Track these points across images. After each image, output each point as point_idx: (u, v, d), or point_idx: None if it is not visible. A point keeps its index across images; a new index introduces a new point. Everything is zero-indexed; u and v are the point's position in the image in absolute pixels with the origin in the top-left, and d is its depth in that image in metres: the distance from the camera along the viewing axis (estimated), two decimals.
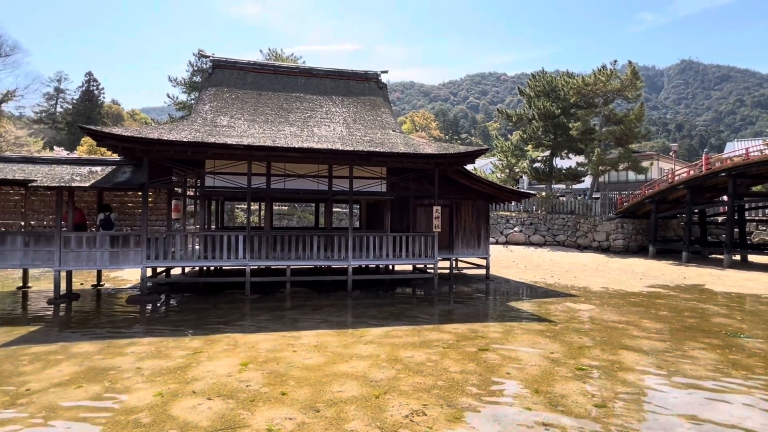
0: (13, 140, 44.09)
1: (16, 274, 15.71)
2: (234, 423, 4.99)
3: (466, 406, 5.53)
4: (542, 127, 34.51)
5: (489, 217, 17.26)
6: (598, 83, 31.79)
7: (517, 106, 72.97)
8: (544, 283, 16.01)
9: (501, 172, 38.33)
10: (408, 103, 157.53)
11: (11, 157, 13.58)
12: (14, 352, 7.50)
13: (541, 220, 32.07)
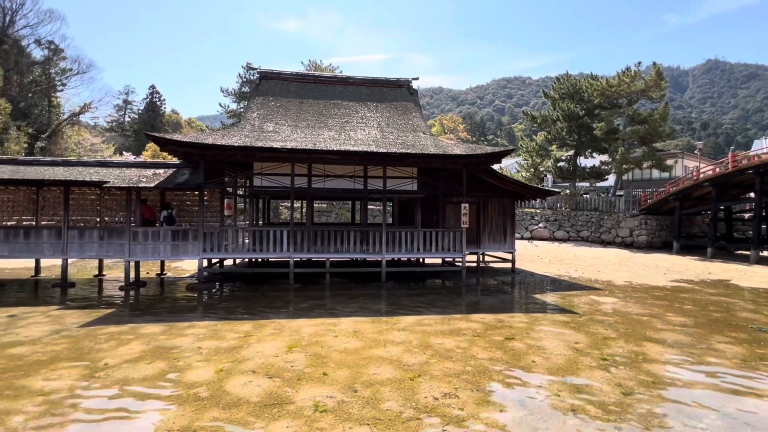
0: (89, 146, 46.69)
1: (93, 264, 16.66)
2: (280, 399, 5.13)
3: (494, 391, 5.46)
4: (566, 128, 33.39)
5: (515, 213, 16.89)
6: (622, 84, 30.43)
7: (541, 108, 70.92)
8: (568, 276, 15.55)
9: (526, 171, 37.38)
10: (437, 107, 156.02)
11: (88, 162, 14.39)
12: (92, 331, 7.96)
13: (565, 216, 31.10)
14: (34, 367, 6.08)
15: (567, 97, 33.83)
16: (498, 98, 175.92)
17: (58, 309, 9.72)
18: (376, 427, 4.48)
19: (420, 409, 4.92)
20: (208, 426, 4.48)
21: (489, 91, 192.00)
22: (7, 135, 34.96)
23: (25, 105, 42.65)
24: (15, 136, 36.15)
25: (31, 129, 40.42)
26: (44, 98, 46.32)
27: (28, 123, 40.81)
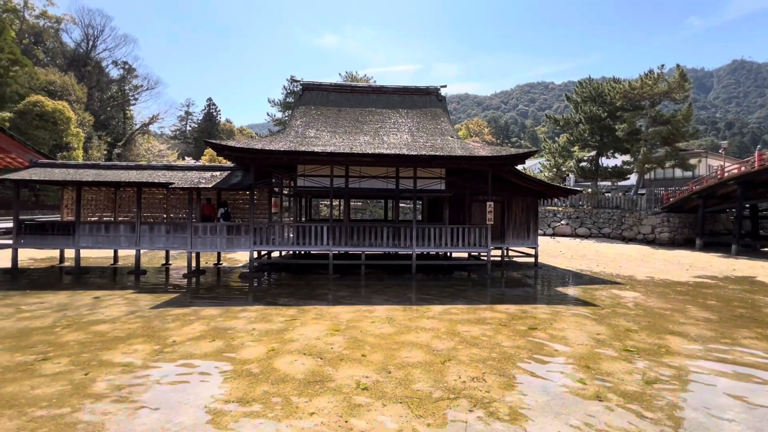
0: (157, 152, 49.10)
1: (161, 254, 17.56)
2: (322, 377, 5.24)
3: (518, 377, 5.35)
4: (588, 130, 31.98)
5: (537, 211, 16.38)
6: (645, 87, 28.79)
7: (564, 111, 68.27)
8: (589, 271, 14.95)
9: (549, 171, 36.14)
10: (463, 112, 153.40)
11: (157, 166, 15.16)
12: (161, 313, 8.40)
13: (586, 214, 29.87)
14: (114, 342, 6.50)
15: (589, 100, 32.40)
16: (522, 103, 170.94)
17: (132, 293, 10.32)
18: (408, 406, 4.49)
19: (449, 390, 4.89)
20: (260, 398, 4.64)
21: (513, 96, 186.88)
22: (91, 143, 37.37)
23: (105, 117, 45.39)
24: (97, 144, 38.58)
25: (109, 138, 43.01)
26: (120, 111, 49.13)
27: (107, 133, 43.43)
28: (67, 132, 30.67)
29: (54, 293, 10.12)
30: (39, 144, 26.07)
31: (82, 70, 44.67)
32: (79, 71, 43.84)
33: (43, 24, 44.92)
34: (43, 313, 8.23)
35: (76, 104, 36.61)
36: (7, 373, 5.28)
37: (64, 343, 6.45)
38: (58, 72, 38.92)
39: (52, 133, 29.44)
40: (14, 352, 6.00)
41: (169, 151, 52.17)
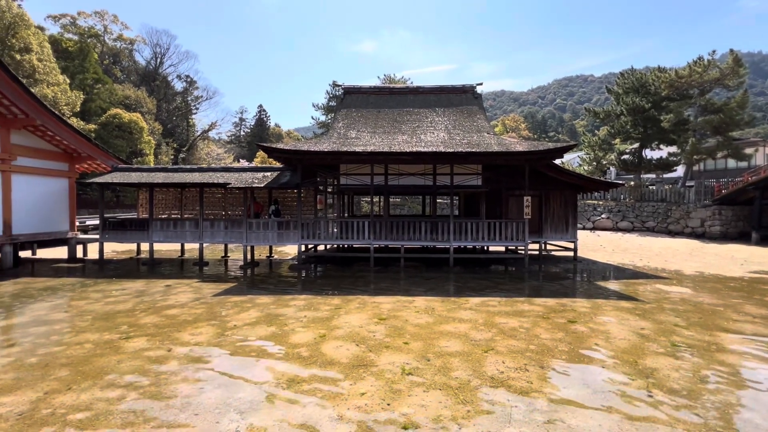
0: (215, 156, 51.85)
1: (220, 247, 18.61)
2: (365, 362, 5.33)
3: (557, 369, 5.15)
4: (631, 121, 29.80)
5: (576, 204, 15.56)
6: (694, 75, 26.34)
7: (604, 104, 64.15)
8: (632, 265, 14.01)
9: (588, 164, 34.17)
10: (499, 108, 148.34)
11: (216, 168, 16.03)
12: (222, 300, 8.92)
13: (629, 207, 27.94)
14: (183, 325, 6.99)
15: (632, 91, 30.18)
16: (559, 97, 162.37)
17: (197, 281, 11.03)
18: (447, 392, 4.47)
19: (487, 379, 4.81)
20: (309, 379, 4.81)
21: (550, 90, 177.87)
22: (160, 149, 40.20)
23: (171, 126, 48.59)
24: (165, 150, 41.43)
25: (175, 144, 46.03)
26: (184, 120, 52.36)
27: (173, 139, 46.50)
28: (141, 140, 33.20)
29: (133, 281, 11.05)
30: (118, 151, 28.46)
31: (152, 85, 48.05)
32: (150, 86, 47.19)
33: (119, 46, 48.75)
34: (125, 298, 9.01)
35: (148, 115, 39.51)
36: (98, 348, 5.85)
37: (143, 324, 7.04)
38: (132, 87, 42.14)
39: (128, 141, 32.00)
40: (103, 332, 6.63)
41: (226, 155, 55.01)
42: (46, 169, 14.84)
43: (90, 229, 19.99)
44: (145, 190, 16.28)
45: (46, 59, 28.78)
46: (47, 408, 4.14)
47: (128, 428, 3.76)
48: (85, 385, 4.67)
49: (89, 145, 15.43)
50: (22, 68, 26.20)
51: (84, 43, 38.62)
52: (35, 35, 28.51)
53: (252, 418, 3.92)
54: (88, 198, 27.97)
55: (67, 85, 29.88)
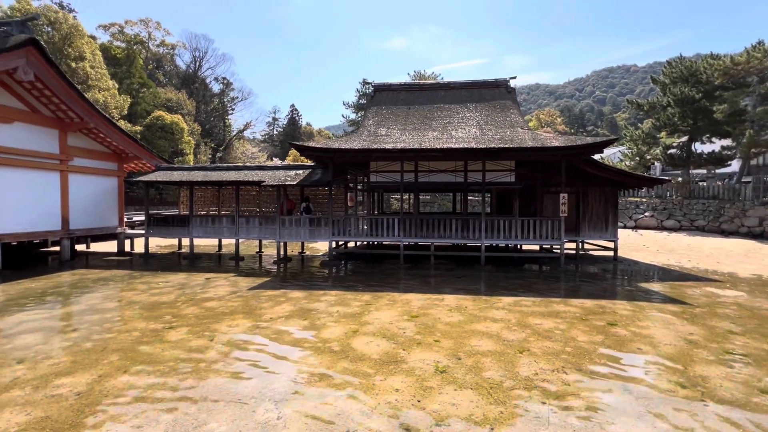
0: (250, 155, 53.65)
1: (254, 243, 19.27)
2: (395, 358, 5.35)
3: (596, 373, 4.94)
4: (679, 113, 27.89)
5: (617, 202, 14.80)
6: (752, 61, 24.23)
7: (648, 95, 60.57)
8: (679, 266, 13.16)
9: (630, 159, 32.36)
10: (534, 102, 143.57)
11: (250, 167, 16.59)
12: (256, 293, 9.24)
13: (676, 205, 26.22)
14: (220, 317, 7.31)
15: (680, 80, 28.23)
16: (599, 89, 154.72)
17: (234, 275, 11.49)
18: (479, 392, 4.41)
19: (520, 381, 4.69)
20: (341, 373, 4.89)
21: (589, 82, 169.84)
22: (199, 149, 42.11)
23: (209, 126, 50.72)
24: (203, 150, 43.35)
25: (212, 144, 48.05)
26: (221, 120, 54.51)
27: (211, 139, 48.55)
28: (181, 140, 34.92)
29: (175, 274, 11.67)
30: (161, 151, 30.11)
31: (192, 87, 50.34)
32: (189, 88, 49.47)
33: (162, 51, 51.41)
34: (168, 290, 9.54)
35: (188, 116, 41.47)
36: (144, 337, 6.23)
37: (184, 315, 7.42)
38: (174, 90, 44.37)
39: (170, 141, 33.75)
40: (148, 321, 7.06)
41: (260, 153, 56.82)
42: (99, 168, 15.94)
43: (136, 224, 21.30)
44: (185, 188, 17.12)
45: (98, 66, 30.85)
46: (101, 389, 4.47)
47: (172, 413, 3.99)
48: (134, 370, 5.00)
49: (136, 146, 16.42)
50: (76, 75, 28.23)
51: (131, 49, 41.05)
52: (88, 44, 30.62)
53: (286, 408, 4.04)
54: (135, 195, 29.80)
55: (115, 89, 31.92)
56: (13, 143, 12.56)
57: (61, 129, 14.10)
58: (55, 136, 14.00)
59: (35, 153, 13.26)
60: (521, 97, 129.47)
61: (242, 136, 58.11)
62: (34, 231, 13.30)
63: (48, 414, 3.96)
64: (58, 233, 14.08)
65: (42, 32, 27.68)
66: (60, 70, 12.95)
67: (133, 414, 3.95)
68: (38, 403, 4.16)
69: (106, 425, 3.75)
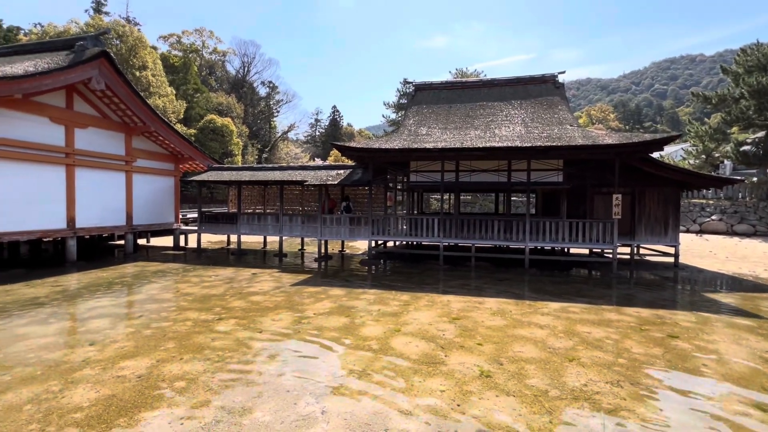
0: (294, 155, 55.51)
1: (297, 241, 19.92)
2: (434, 360, 5.29)
3: (653, 388, 4.58)
4: (754, 106, 25.13)
5: (679, 204, 13.64)
6: None
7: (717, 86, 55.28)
8: (753, 276, 11.88)
9: (695, 157, 29.68)
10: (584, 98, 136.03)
11: (294, 166, 17.16)
12: (298, 290, 9.54)
13: (749, 208, 23.68)
14: (264, 311, 7.63)
15: (756, 69, 25.43)
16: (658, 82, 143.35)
17: (277, 271, 11.95)
18: (522, 400, 4.24)
19: (567, 391, 4.46)
20: (380, 371, 4.92)
21: (647, 75, 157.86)
22: (246, 150, 44.26)
23: (256, 128, 53.13)
24: (250, 151, 45.51)
25: (259, 145, 50.30)
26: (267, 123, 56.90)
27: (257, 141, 50.85)
28: (231, 142, 36.90)
29: (224, 269, 12.35)
30: (212, 152, 32.01)
31: (240, 92, 53.01)
32: (238, 92, 52.13)
33: (214, 58, 54.61)
34: (218, 283, 10.11)
35: (237, 119, 43.73)
36: (196, 327, 6.65)
37: (232, 307, 7.83)
38: (224, 95, 46.97)
39: (220, 143, 35.78)
40: (200, 312, 7.52)
41: (303, 154, 58.66)
42: (158, 168, 17.23)
43: (190, 221, 22.81)
44: (234, 187, 18.06)
45: (158, 74, 33.39)
46: (159, 373, 4.83)
47: (220, 400, 4.22)
48: (187, 357, 5.35)
49: (191, 148, 17.57)
50: (140, 83, 30.73)
51: (187, 58, 44.01)
52: (150, 54, 33.23)
53: (325, 403, 4.14)
54: (188, 194, 31.91)
55: (173, 95, 34.37)
56: (87, 146, 13.92)
57: (126, 133, 15.41)
58: (121, 140, 15.33)
59: (105, 155, 14.60)
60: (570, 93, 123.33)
61: (286, 137, 60.30)
62: (104, 226, 14.65)
63: (114, 393, 4.34)
64: (123, 228, 15.40)
65: (111, 45, 30.41)
66: (126, 78, 14.15)
67: (185, 398, 4.23)
68: (105, 383, 4.58)
69: (162, 408, 4.05)
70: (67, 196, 13.23)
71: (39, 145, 12.30)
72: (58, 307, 7.86)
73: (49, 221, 12.69)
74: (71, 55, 12.55)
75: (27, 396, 4.28)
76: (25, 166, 12.01)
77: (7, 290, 9.20)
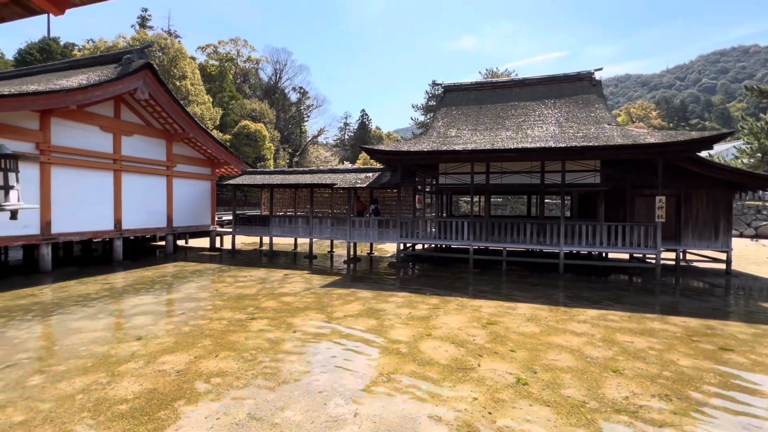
0: (323, 159, 56.50)
1: (326, 243, 20.22)
2: (465, 366, 5.19)
3: (702, 404, 4.27)
4: None
5: (731, 206, 12.69)
6: None
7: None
8: None
9: (749, 156, 27.58)
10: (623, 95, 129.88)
11: (323, 170, 17.46)
12: (328, 291, 9.67)
13: None
14: (295, 312, 7.79)
15: None
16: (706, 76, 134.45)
17: (308, 273, 12.17)
18: (557, 411, 4.08)
19: (607, 403, 4.24)
20: (408, 375, 4.89)
21: (693, 69, 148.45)
22: (278, 154, 45.54)
23: (287, 133, 54.57)
24: (282, 155, 46.77)
25: (290, 149, 51.60)
26: (297, 127, 58.31)
27: (289, 145, 52.19)
28: (263, 146, 38.10)
29: (256, 269, 12.73)
30: (246, 157, 33.17)
31: (272, 98, 54.69)
32: (270, 98, 53.80)
33: (248, 66, 56.68)
34: (251, 284, 10.43)
35: (269, 125, 45.13)
36: (230, 326, 6.89)
37: (265, 307, 8.05)
38: (257, 101, 48.63)
39: (254, 148, 37.03)
40: (234, 311, 7.78)
41: (332, 157, 59.60)
42: (196, 173, 18.06)
43: (225, 223, 23.72)
44: (266, 190, 18.61)
45: (197, 83, 35.07)
46: (196, 369, 5.03)
47: (253, 398, 4.34)
48: (222, 354, 5.54)
49: (227, 153, 18.29)
50: (180, 92, 32.40)
51: (222, 66, 45.94)
52: (189, 64, 34.98)
53: (355, 405, 4.16)
54: (223, 197, 33.23)
55: (210, 103, 35.97)
56: (133, 153, 14.82)
57: (167, 139, 16.27)
58: (163, 146, 16.20)
59: (149, 161, 15.48)
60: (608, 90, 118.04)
61: (316, 141, 61.49)
62: (147, 227, 15.52)
63: (155, 386, 4.57)
64: (164, 230, 16.24)
65: (154, 57, 32.28)
66: (168, 88, 14.96)
67: (221, 394, 4.38)
68: (148, 376, 4.83)
69: (199, 402, 4.21)
70: (114, 199, 14.12)
71: (91, 152, 13.22)
72: (106, 303, 8.39)
73: (98, 223, 13.60)
74: (119, 67, 13.43)
75: (79, 386, 4.59)
76: (79, 172, 12.94)
77: (62, 287, 9.93)
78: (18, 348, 5.79)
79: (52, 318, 7.31)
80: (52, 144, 12.06)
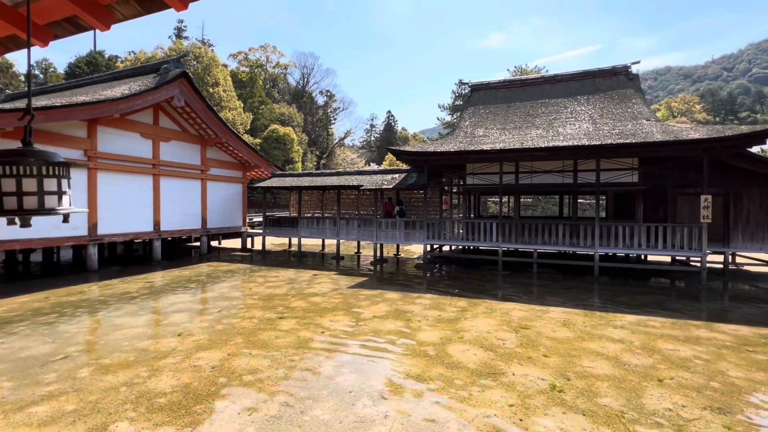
0: (350, 161, 57.10)
1: (353, 244, 20.39)
2: (494, 371, 5.09)
3: (756, 419, 3.97)
4: None
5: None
6: None
7: None
8: None
9: None
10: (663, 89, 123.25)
11: (350, 172, 17.64)
12: (355, 292, 9.74)
13: None
14: (323, 312, 7.90)
15: None
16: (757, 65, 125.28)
17: (335, 274, 12.32)
18: (593, 420, 3.91)
19: (647, 414, 4.03)
20: (436, 378, 4.85)
21: (742, 59, 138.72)
22: (306, 157, 46.44)
23: (314, 136, 55.56)
24: (309, 158, 47.65)
25: (317, 152, 52.50)
26: (324, 130, 59.24)
27: (316, 147, 53.11)
28: (292, 150, 38.97)
29: (286, 270, 13.02)
30: (275, 160, 34.06)
31: (300, 102, 55.88)
32: (298, 102, 55.00)
33: (277, 71, 58.22)
34: (280, 284, 10.68)
35: (297, 128, 46.13)
36: (261, 325, 7.08)
37: (293, 307, 8.22)
38: (286, 105, 49.84)
39: (282, 151, 37.95)
40: (264, 311, 8.00)
41: (359, 159, 60.10)
42: (228, 176, 18.73)
43: (255, 225, 24.43)
44: (295, 192, 19.02)
45: (228, 89, 36.39)
46: (229, 366, 5.21)
47: (283, 396, 4.44)
48: (254, 352, 5.71)
49: (257, 156, 18.85)
50: (213, 98, 33.72)
51: (253, 73, 47.44)
52: (221, 72, 36.35)
53: (382, 406, 4.16)
54: (254, 199, 34.27)
55: (241, 108, 37.21)
56: (170, 158, 15.56)
57: (201, 144, 16.97)
58: (197, 151, 16.91)
59: (185, 165, 16.20)
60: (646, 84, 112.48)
61: (343, 143, 62.23)
62: (183, 229, 16.24)
63: (191, 381, 4.77)
64: (199, 231, 16.93)
65: (190, 65, 33.77)
66: (202, 95, 15.61)
67: (252, 392, 4.51)
68: (184, 371, 5.05)
69: (232, 398, 4.36)
70: (153, 202, 14.88)
71: (132, 158, 14.00)
72: (147, 301, 8.85)
73: (139, 225, 14.37)
74: (157, 77, 14.15)
75: (123, 379, 4.86)
76: (122, 177, 13.74)
77: (107, 284, 10.56)
78: (69, 341, 6.21)
79: (98, 314, 7.79)
80: (98, 151, 12.87)
